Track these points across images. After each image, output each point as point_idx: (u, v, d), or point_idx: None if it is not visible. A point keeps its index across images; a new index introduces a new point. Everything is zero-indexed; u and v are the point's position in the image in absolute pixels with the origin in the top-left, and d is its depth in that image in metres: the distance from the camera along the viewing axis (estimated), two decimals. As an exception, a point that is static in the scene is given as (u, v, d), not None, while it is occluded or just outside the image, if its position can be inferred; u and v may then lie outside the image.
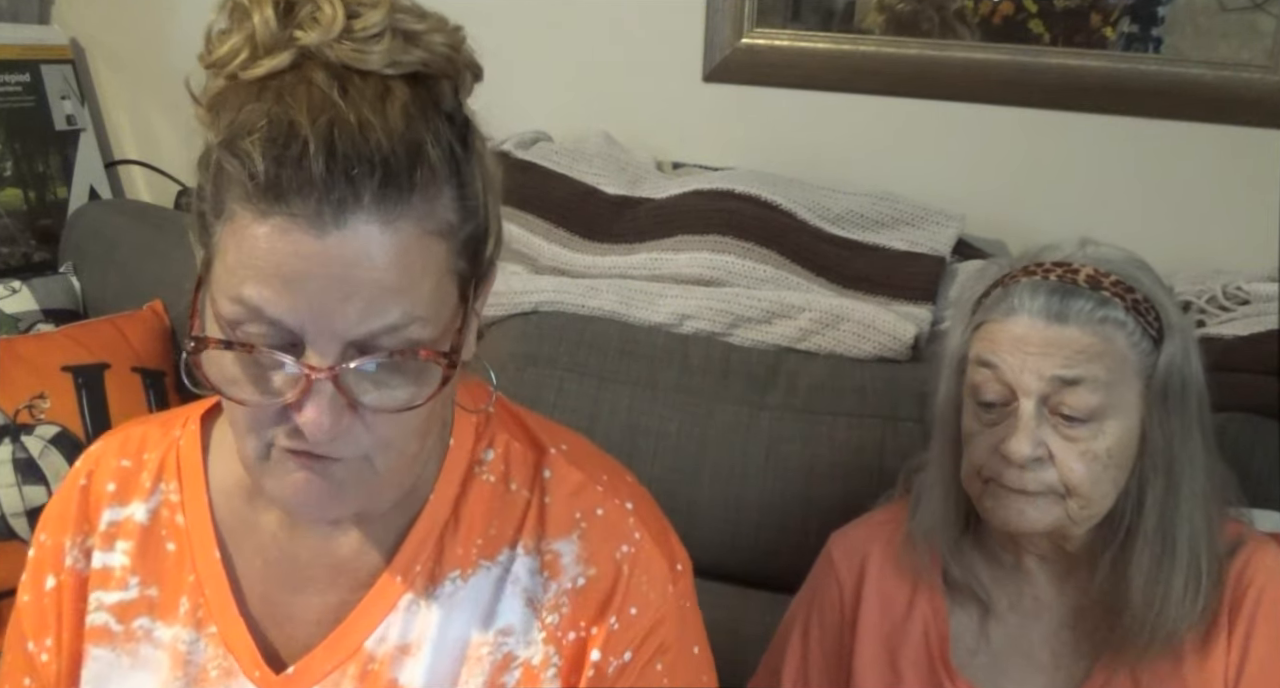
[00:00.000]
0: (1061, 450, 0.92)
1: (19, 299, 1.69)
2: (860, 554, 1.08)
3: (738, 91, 1.64)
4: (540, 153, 1.63)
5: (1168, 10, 1.44)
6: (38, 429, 1.50)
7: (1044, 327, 0.92)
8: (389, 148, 0.60)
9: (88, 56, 2.02)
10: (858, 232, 1.50)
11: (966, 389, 0.98)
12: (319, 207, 0.59)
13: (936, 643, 1.03)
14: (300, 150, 0.59)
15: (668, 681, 0.78)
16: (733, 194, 1.49)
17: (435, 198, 0.63)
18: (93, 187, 1.96)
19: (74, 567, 0.80)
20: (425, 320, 0.64)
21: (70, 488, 0.81)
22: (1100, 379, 0.91)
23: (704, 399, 1.34)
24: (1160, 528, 0.95)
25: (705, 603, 1.35)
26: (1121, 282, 0.94)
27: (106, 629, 0.79)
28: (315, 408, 0.62)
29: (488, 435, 0.80)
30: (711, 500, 1.32)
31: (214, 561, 0.78)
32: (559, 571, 0.76)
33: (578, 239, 1.54)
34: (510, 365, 1.38)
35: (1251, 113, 1.42)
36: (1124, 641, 0.95)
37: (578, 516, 0.78)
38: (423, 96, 0.64)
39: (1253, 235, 1.43)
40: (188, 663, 0.76)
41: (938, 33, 1.53)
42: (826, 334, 1.38)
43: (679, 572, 0.80)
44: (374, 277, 0.61)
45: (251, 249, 0.61)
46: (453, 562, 0.77)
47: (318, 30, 0.62)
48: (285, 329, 0.62)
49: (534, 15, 1.70)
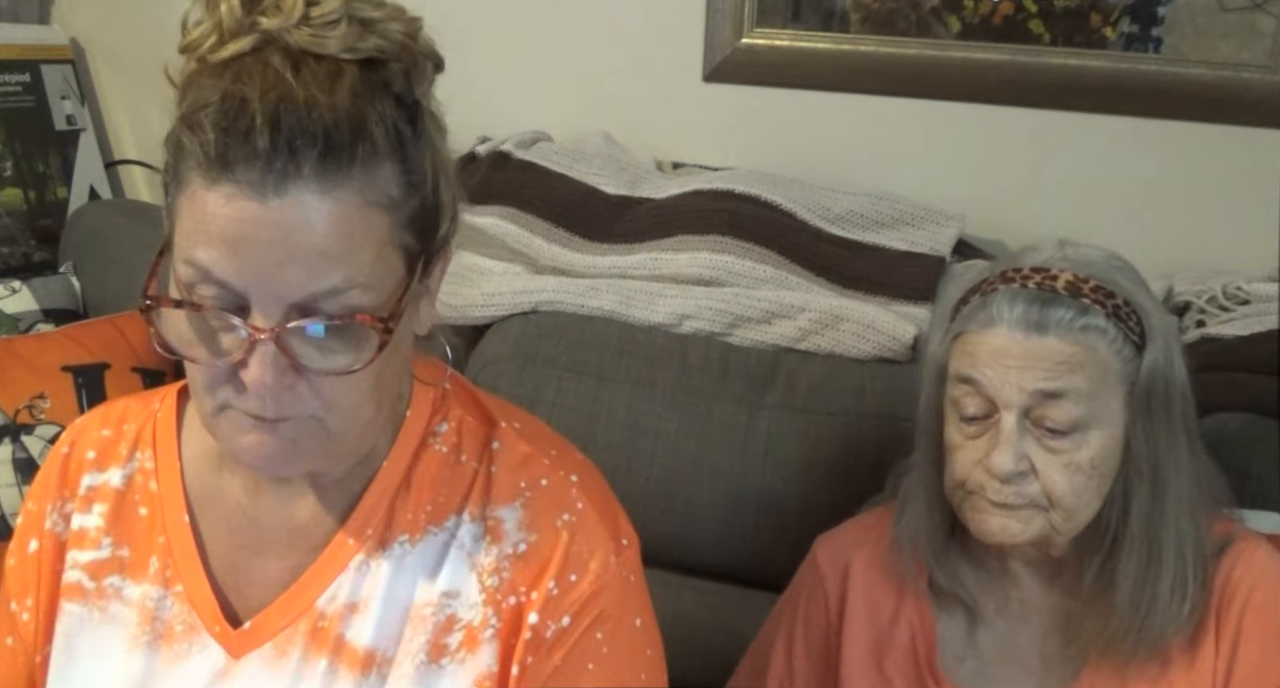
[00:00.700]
0: (1044, 463, 0.91)
1: (19, 299, 1.69)
2: (845, 558, 1.07)
3: (738, 91, 1.64)
4: (540, 153, 1.63)
5: (1168, 10, 1.44)
6: (38, 429, 1.50)
7: (1023, 338, 0.90)
8: (332, 122, 0.65)
9: (88, 56, 2.02)
10: (858, 232, 1.50)
11: (948, 402, 0.97)
12: (262, 175, 0.64)
13: (924, 649, 1.02)
14: (248, 124, 0.64)
15: (607, 649, 0.79)
16: (733, 194, 1.49)
17: (375, 171, 0.67)
18: (93, 187, 1.96)
19: (53, 530, 0.85)
20: (366, 287, 0.68)
21: (54, 457, 0.87)
22: (1083, 390, 0.90)
23: (703, 399, 1.34)
24: (1146, 534, 0.94)
25: (703, 603, 1.37)
26: (1101, 287, 0.92)
27: (79, 586, 0.83)
28: (259, 366, 0.67)
29: (443, 410, 0.84)
30: (710, 500, 1.32)
31: (183, 524, 0.82)
32: (501, 536, 0.79)
33: (578, 239, 1.54)
34: (510, 365, 1.38)
35: (1251, 113, 1.42)
36: (1111, 645, 0.95)
37: (522, 485, 0.81)
38: (373, 79, 0.68)
39: (1253, 235, 1.43)
40: (155, 619, 0.81)
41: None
42: (826, 334, 1.38)
43: (623, 546, 0.82)
44: (312, 242, 0.65)
45: (202, 215, 0.65)
46: (402, 526, 0.80)
47: (279, 17, 0.67)
48: (232, 291, 0.66)
49: (534, 16, 1.70)
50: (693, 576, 1.37)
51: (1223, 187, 1.46)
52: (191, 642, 0.80)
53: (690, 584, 1.37)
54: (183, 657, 0.80)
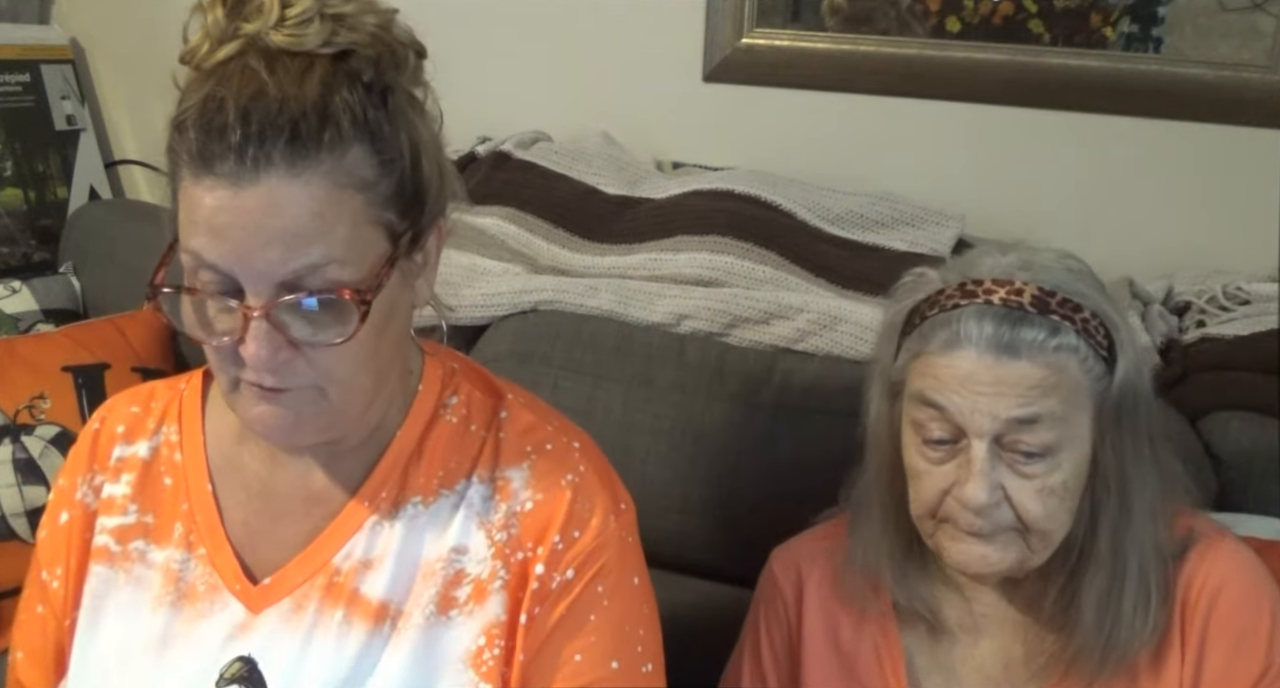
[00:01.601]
0: (1017, 490, 0.87)
1: (19, 299, 1.69)
2: (797, 570, 1.05)
3: (738, 91, 1.64)
4: (540, 153, 1.63)
5: (1168, 10, 1.44)
6: (38, 429, 1.50)
7: (993, 363, 0.85)
8: (299, 112, 0.71)
9: (88, 56, 2.03)
10: (858, 232, 1.50)
11: (908, 423, 0.92)
12: (236, 167, 0.70)
13: (891, 666, 1.00)
14: (224, 121, 0.70)
15: (608, 602, 0.84)
16: (732, 194, 1.49)
17: (344, 155, 0.72)
18: (93, 187, 1.96)
19: (83, 501, 0.90)
20: (344, 262, 0.73)
21: (85, 433, 0.93)
22: (1056, 413, 0.85)
23: (699, 398, 1.34)
24: (1113, 549, 0.91)
25: (699, 602, 1.36)
26: (1069, 300, 0.87)
27: (106, 549, 0.89)
28: (254, 342, 0.73)
29: (453, 385, 0.90)
30: (705, 499, 1.32)
31: (206, 492, 0.88)
32: (509, 494, 0.85)
33: (577, 239, 1.54)
34: (508, 364, 1.38)
35: (1251, 113, 1.42)
36: (1075, 664, 0.92)
37: (529, 449, 0.87)
38: (342, 69, 0.74)
39: (1253, 235, 1.43)
40: (179, 580, 0.86)
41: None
42: (824, 335, 1.37)
43: (622, 509, 0.88)
44: (286, 224, 0.71)
45: (192, 207, 0.72)
46: (415, 489, 0.86)
47: (258, 20, 0.73)
48: (224, 274, 0.72)
49: (535, 16, 1.70)
50: (689, 575, 1.37)
51: (1223, 187, 1.46)
52: (213, 600, 0.85)
53: (687, 584, 1.37)
54: (205, 615, 0.85)
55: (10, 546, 1.43)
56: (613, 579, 0.85)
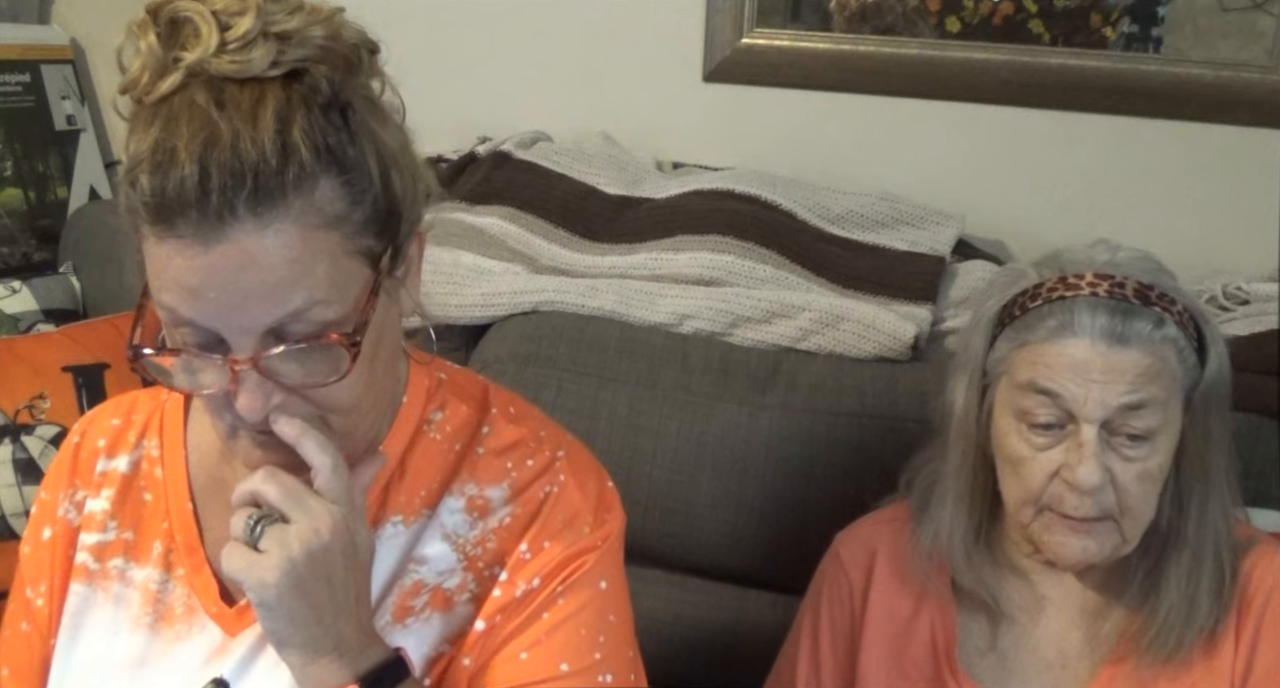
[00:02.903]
0: (1122, 472, 0.92)
1: (19, 299, 1.69)
2: (869, 552, 1.08)
3: (738, 91, 1.64)
4: (540, 153, 1.63)
5: (1168, 10, 1.44)
6: (38, 429, 1.50)
7: (1106, 351, 0.90)
8: (258, 157, 0.66)
9: (88, 56, 2.02)
10: (858, 232, 1.50)
11: (1013, 412, 0.95)
12: (199, 226, 0.65)
13: (944, 646, 1.03)
14: (180, 176, 0.65)
15: (563, 601, 0.82)
16: (733, 194, 1.49)
17: (312, 193, 0.68)
18: (93, 187, 1.96)
19: (65, 516, 0.88)
20: (328, 302, 0.69)
21: (65, 448, 0.91)
22: (1159, 400, 0.91)
23: (704, 399, 1.34)
24: (1198, 534, 0.95)
25: (705, 604, 1.37)
26: (1165, 294, 0.92)
27: (85, 567, 0.87)
28: (246, 395, 0.70)
29: (439, 398, 0.87)
30: (711, 500, 1.32)
31: (186, 510, 0.86)
32: (488, 511, 0.83)
33: (578, 239, 1.54)
34: (510, 365, 1.38)
35: (1251, 113, 1.43)
36: (1153, 647, 0.95)
37: (509, 466, 0.84)
38: (295, 96, 0.68)
39: (1253, 235, 1.43)
40: (157, 601, 0.85)
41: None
42: (826, 334, 1.38)
43: (605, 519, 0.85)
44: (262, 277, 0.67)
45: (158, 265, 0.68)
46: (395, 508, 0.84)
47: (198, 48, 0.67)
48: (203, 329, 0.69)
49: (534, 15, 1.70)
50: (694, 576, 1.37)
51: (1223, 187, 1.46)
52: (191, 623, 0.83)
53: (691, 585, 1.37)
54: (182, 637, 0.83)
55: (10, 545, 1.42)
56: (577, 588, 0.82)
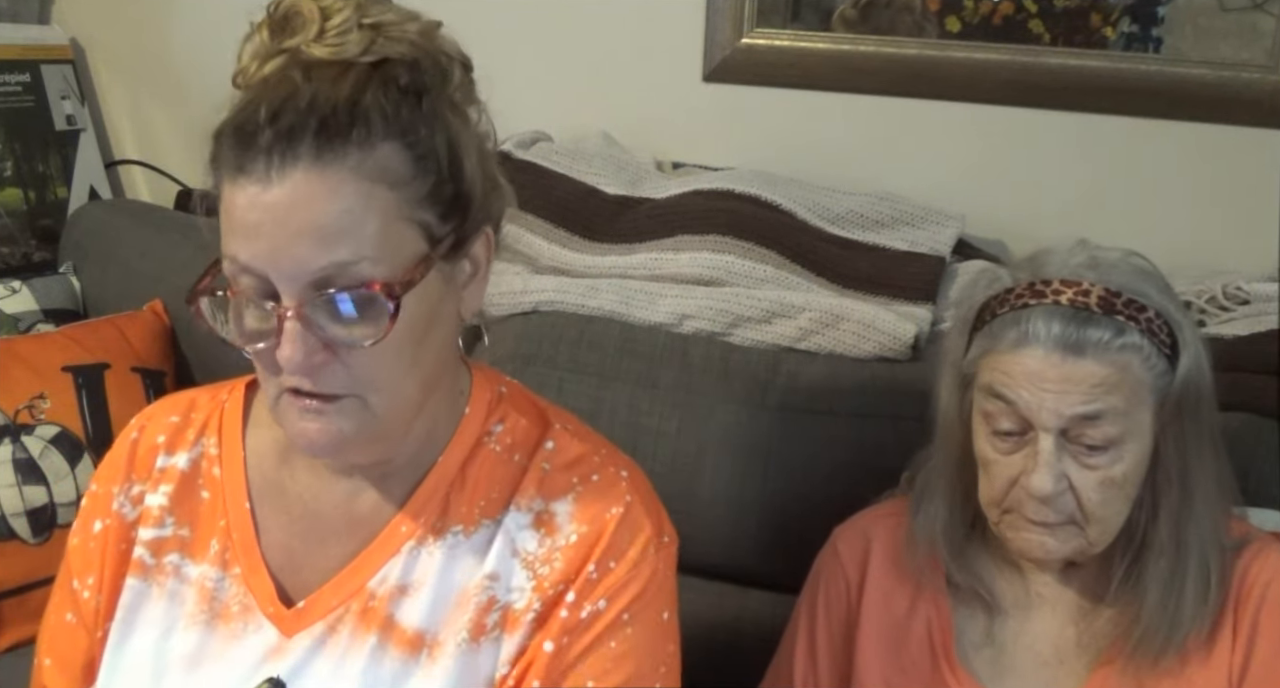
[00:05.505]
0: (1081, 480, 0.92)
1: (19, 299, 1.69)
2: (864, 544, 1.08)
3: (738, 91, 1.64)
4: (540, 153, 1.63)
5: (1168, 10, 1.44)
6: (38, 429, 1.50)
7: (1060, 361, 0.90)
8: (329, 109, 0.72)
9: (88, 56, 2.02)
10: (858, 232, 1.50)
11: (978, 413, 0.97)
12: (265, 166, 0.71)
13: (940, 640, 1.03)
14: (256, 123, 0.72)
15: (631, 630, 0.83)
16: (733, 194, 1.49)
17: (373, 149, 0.73)
18: (93, 187, 1.96)
19: (119, 511, 0.90)
20: (375, 260, 0.73)
21: (122, 442, 0.92)
22: (1119, 409, 0.90)
23: (704, 399, 1.34)
24: (1175, 537, 0.95)
25: (705, 603, 1.37)
26: (1134, 301, 0.91)
27: (141, 562, 0.88)
28: (289, 343, 0.73)
29: (500, 412, 0.89)
30: (712, 500, 1.32)
31: (244, 510, 0.88)
32: (555, 529, 0.84)
33: (578, 239, 1.54)
34: (510, 365, 1.38)
35: (1251, 113, 1.42)
36: (1138, 649, 0.96)
37: (575, 480, 0.86)
38: (378, 74, 0.75)
39: (1253, 235, 1.43)
40: (213, 599, 0.86)
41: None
42: (826, 334, 1.38)
43: (664, 542, 0.86)
44: (314, 218, 0.71)
45: (229, 212, 0.74)
46: (457, 518, 0.85)
47: (300, 34, 0.75)
48: (258, 275, 0.73)
49: (534, 15, 1.70)
50: (694, 575, 1.36)
51: (1223, 187, 1.46)
52: (247, 621, 0.85)
53: (692, 584, 1.36)
54: (238, 635, 0.85)
55: (10, 546, 1.42)
56: (640, 609, 0.84)
